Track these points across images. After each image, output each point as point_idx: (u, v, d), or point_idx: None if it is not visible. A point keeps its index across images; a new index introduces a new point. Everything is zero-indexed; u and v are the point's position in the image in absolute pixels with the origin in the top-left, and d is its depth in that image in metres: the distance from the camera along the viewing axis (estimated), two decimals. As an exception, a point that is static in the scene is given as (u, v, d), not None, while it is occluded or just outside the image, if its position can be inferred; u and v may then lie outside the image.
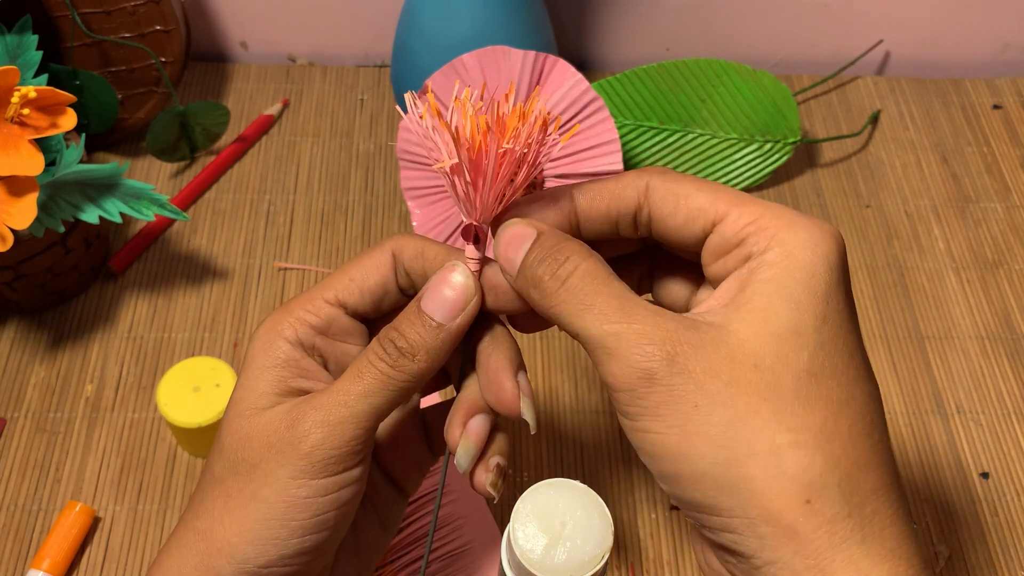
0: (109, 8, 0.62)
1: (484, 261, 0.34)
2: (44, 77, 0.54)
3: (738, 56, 0.75)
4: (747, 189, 0.69)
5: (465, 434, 0.34)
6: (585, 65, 0.79)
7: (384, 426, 0.38)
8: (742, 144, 0.67)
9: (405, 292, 0.36)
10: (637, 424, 0.30)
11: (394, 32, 0.66)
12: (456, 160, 0.31)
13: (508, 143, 0.31)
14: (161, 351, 0.59)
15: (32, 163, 0.47)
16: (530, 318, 0.35)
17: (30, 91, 0.47)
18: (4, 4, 0.57)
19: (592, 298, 0.30)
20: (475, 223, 0.33)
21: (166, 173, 0.68)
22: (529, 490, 0.33)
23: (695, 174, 0.68)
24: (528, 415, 0.34)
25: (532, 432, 0.34)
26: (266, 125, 0.71)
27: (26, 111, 0.47)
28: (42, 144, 0.53)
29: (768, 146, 0.67)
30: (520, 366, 0.35)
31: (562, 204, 0.33)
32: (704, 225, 0.32)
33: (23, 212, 0.48)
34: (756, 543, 0.28)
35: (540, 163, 0.33)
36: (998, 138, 0.74)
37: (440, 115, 0.32)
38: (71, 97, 0.49)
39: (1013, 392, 0.60)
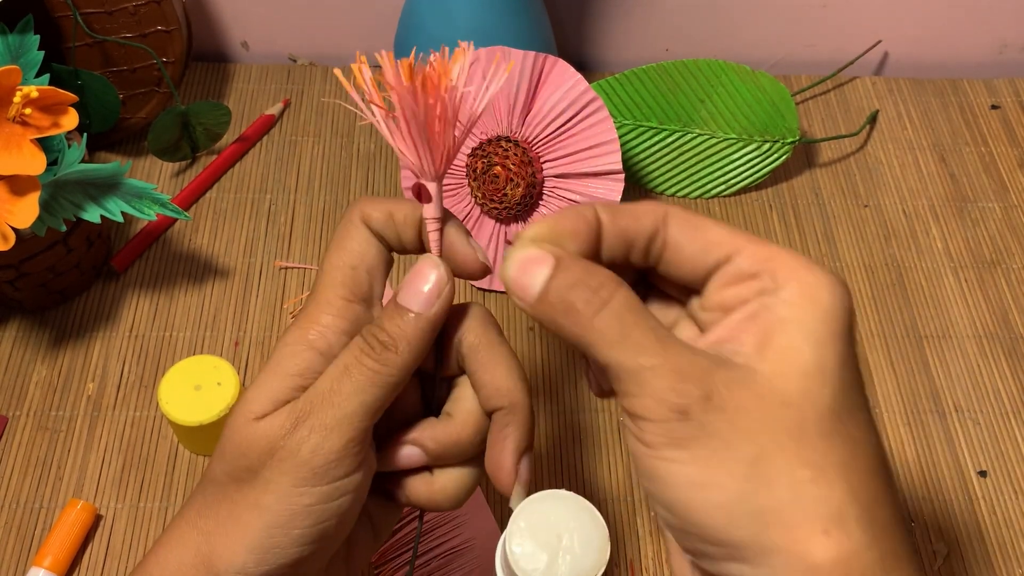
0: (111, 8, 0.62)
1: (443, 219, 0.34)
2: (46, 77, 0.54)
3: (737, 56, 0.75)
4: (746, 189, 0.69)
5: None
6: (584, 65, 0.79)
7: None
8: (741, 144, 0.67)
9: (395, 250, 0.36)
10: (659, 452, 0.29)
11: (395, 32, 0.66)
12: (385, 112, 0.32)
13: (431, 94, 0.32)
14: (162, 350, 0.59)
15: (34, 162, 0.48)
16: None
17: (32, 91, 0.47)
18: (6, 4, 0.57)
19: (629, 328, 0.30)
20: (423, 180, 0.34)
21: (167, 173, 0.68)
22: (519, 508, 0.33)
23: (694, 174, 0.68)
24: (514, 503, 0.34)
25: (510, 506, 0.35)
26: (267, 125, 0.71)
27: (28, 111, 0.47)
28: (44, 143, 0.53)
29: (767, 146, 0.67)
30: (527, 449, 0.35)
31: (587, 216, 0.33)
32: (719, 256, 0.32)
33: (25, 211, 0.48)
34: (766, 572, 0.28)
35: (468, 116, 0.33)
36: (996, 138, 0.74)
37: (366, 78, 0.32)
38: (73, 97, 0.49)
39: (1011, 391, 0.60)
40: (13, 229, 0.48)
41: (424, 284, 0.33)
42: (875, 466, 0.29)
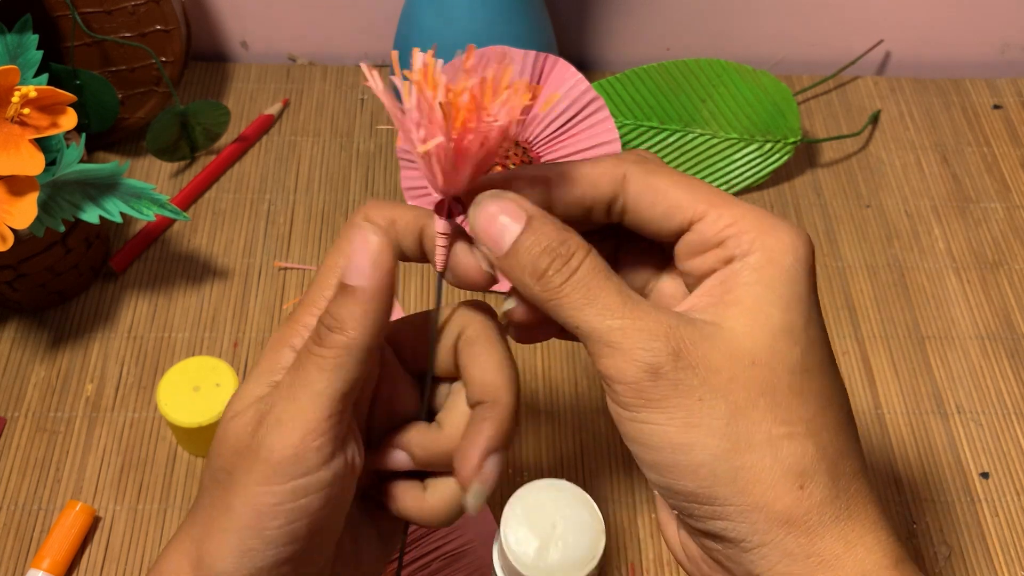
0: (109, 8, 0.62)
1: (454, 236, 0.33)
2: (44, 76, 0.54)
3: (738, 56, 0.75)
4: (747, 189, 0.69)
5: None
6: (585, 65, 0.79)
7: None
8: (742, 144, 0.67)
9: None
10: (637, 415, 0.30)
11: (394, 32, 0.66)
12: (440, 139, 0.30)
13: (490, 117, 0.30)
14: (161, 351, 0.59)
15: (32, 163, 0.47)
16: (530, 331, 0.35)
17: (30, 91, 0.47)
18: (5, 3, 0.57)
19: (596, 292, 0.30)
20: (447, 197, 0.32)
21: (166, 173, 0.68)
22: (517, 493, 0.33)
23: (695, 174, 0.68)
24: (470, 503, 0.33)
25: (467, 511, 0.33)
26: (266, 125, 0.71)
27: (26, 111, 0.47)
28: (42, 144, 0.53)
29: (768, 146, 0.67)
30: (498, 450, 0.33)
31: (537, 187, 0.33)
32: (682, 222, 0.32)
33: (23, 212, 0.48)
34: (747, 528, 0.30)
35: (515, 132, 0.31)
36: (998, 138, 0.74)
37: (423, 91, 0.30)
38: (71, 97, 0.49)
39: (1013, 392, 0.60)
40: (12, 230, 0.48)
41: (357, 255, 0.32)
42: (842, 420, 0.31)
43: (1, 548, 0.51)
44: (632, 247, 0.36)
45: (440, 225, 0.33)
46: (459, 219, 0.33)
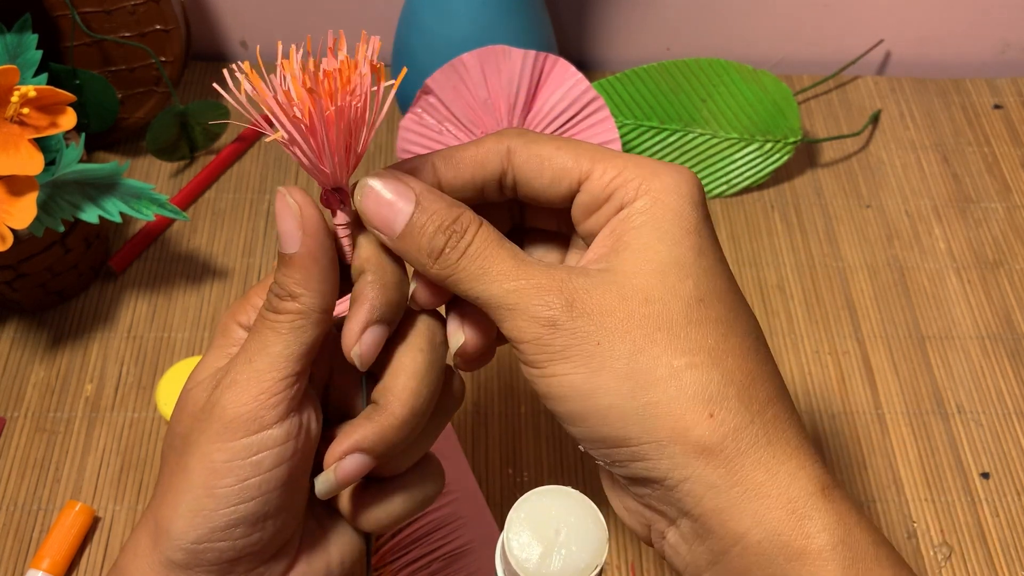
0: (109, 7, 0.61)
1: (354, 225, 0.33)
2: (44, 76, 0.54)
3: (738, 56, 0.75)
4: (747, 189, 0.68)
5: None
6: (585, 65, 0.79)
7: None
8: (743, 144, 0.67)
9: None
10: (545, 371, 0.31)
11: (394, 32, 0.66)
12: (286, 132, 0.30)
13: (339, 100, 0.30)
14: (161, 351, 0.59)
15: (32, 162, 0.47)
16: (474, 360, 0.35)
17: (30, 90, 0.47)
18: (5, 3, 0.57)
19: (489, 262, 0.31)
20: (329, 188, 0.33)
21: (166, 172, 0.68)
22: (521, 499, 0.33)
23: (696, 174, 0.68)
24: (317, 487, 0.33)
25: (316, 489, 0.34)
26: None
27: (26, 110, 0.47)
28: (42, 143, 0.53)
29: (768, 146, 0.67)
30: (367, 452, 0.33)
31: (424, 174, 0.33)
32: (570, 184, 0.33)
33: (23, 211, 0.48)
34: (667, 464, 0.30)
35: (380, 109, 0.31)
36: (999, 138, 0.74)
37: (260, 83, 0.31)
38: (71, 96, 0.48)
39: (1013, 392, 0.60)
40: (11, 230, 0.48)
41: (283, 222, 0.32)
42: (748, 345, 0.31)
43: (1, 548, 0.51)
44: (535, 233, 0.37)
45: (339, 217, 0.33)
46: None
